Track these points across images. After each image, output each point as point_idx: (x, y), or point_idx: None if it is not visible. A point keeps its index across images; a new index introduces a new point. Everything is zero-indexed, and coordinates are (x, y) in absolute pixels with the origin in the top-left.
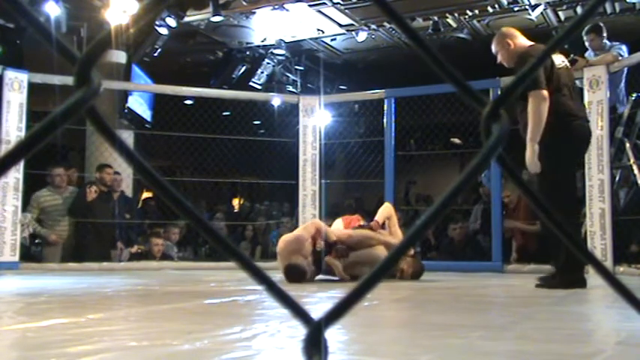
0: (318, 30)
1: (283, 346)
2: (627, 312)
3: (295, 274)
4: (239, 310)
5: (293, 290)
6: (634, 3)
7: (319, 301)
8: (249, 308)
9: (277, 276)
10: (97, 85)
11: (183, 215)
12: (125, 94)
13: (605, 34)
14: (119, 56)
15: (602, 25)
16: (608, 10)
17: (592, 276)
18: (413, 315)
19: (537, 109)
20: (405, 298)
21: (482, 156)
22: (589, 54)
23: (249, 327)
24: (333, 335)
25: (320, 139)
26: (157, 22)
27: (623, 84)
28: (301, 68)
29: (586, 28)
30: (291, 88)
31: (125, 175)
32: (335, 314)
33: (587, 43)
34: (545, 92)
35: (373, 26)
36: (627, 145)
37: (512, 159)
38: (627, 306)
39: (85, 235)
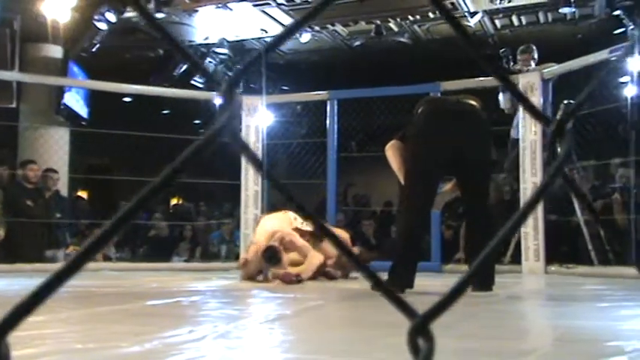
0: (262, 30)
1: (234, 347)
2: (560, 310)
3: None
4: (184, 312)
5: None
6: (565, 14)
7: (265, 301)
8: (194, 309)
9: (215, 279)
10: (239, 103)
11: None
12: (61, 90)
13: (535, 56)
14: (55, 51)
15: (534, 47)
16: (541, 19)
17: (525, 275)
18: (360, 314)
19: None
20: (349, 297)
21: (555, 168)
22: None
23: (197, 328)
24: (281, 335)
25: (262, 139)
26: (96, 17)
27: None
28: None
29: (522, 48)
30: None
31: (61, 174)
32: (438, 309)
33: (519, 63)
34: None
35: (317, 28)
36: (559, 149)
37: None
38: (560, 304)
39: (17, 234)
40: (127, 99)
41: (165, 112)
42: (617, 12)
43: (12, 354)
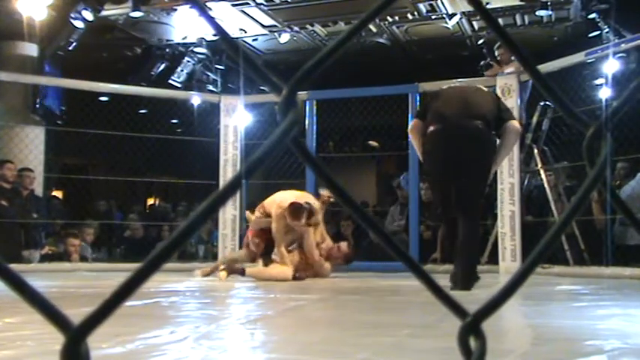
0: (241, 30)
1: (216, 348)
2: (538, 309)
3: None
4: (164, 312)
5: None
6: (541, 17)
7: (245, 301)
8: (174, 310)
9: (193, 279)
10: (300, 109)
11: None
12: (37, 89)
13: None
14: (31, 49)
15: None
16: (518, 22)
17: (502, 275)
18: (340, 314)
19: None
20: (329, 297)
21: (597, 171)
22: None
23: (178, 329)
24: (263, 335)
25: (241, 139)
26: (73, 15)
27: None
28: (222, 67)
29: (500, 43)
30: (211, 88)
31: (36, 173)
32: (489, 308)
33: (498, 57)
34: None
35: (296, 28)
36: (535, 150)
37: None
38: (538, 304)
39: None
40: (103, 98)
41: (142, 111)
42: (593, 15)
43: None
